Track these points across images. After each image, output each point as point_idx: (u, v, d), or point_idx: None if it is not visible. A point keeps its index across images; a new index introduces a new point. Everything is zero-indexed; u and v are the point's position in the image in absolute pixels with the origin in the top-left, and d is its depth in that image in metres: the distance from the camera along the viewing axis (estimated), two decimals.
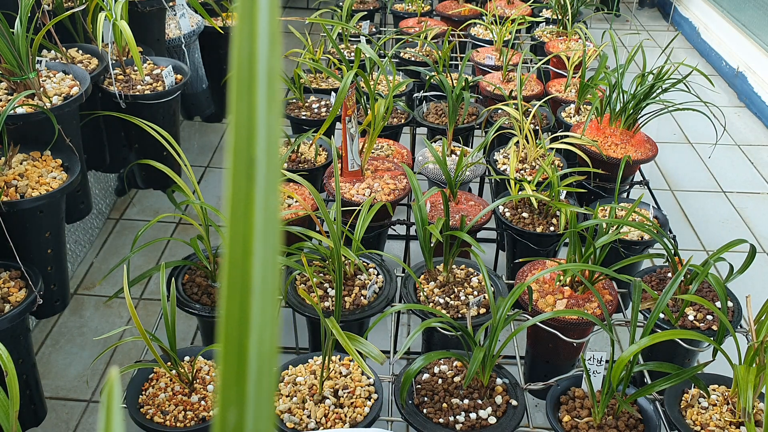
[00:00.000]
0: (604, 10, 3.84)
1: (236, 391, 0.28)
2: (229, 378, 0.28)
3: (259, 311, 0.28)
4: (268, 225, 0.28)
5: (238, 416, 0.28)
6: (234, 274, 0.28)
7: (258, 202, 0.28)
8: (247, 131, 0.28)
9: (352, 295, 1.61)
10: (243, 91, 0.28)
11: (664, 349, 1.62)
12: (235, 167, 0.28)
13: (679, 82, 2.17)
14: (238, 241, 0.28)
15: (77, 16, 2.14)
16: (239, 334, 0.28)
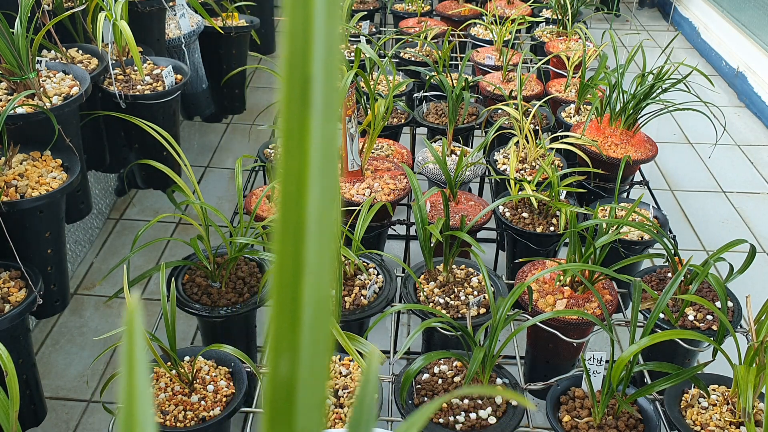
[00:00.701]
0: (604, 10, 3.84)
1: (289, 340, 0.26)
2: (282, 326, 0.26)
3: (314, 255, 0.26)
4: (326, 158, 0.25)
5: (291, 366, 0.26)
6: (288, 214, 0.25)
7: (314, 130, 0.25)
8: (303, 44, 0.24)
9: (352, 295, 1.61)
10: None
11: (664, 349, 1.62)
12: (289, 89, 0.25)
13: (679, 82, 2.17)
14: (293, 177, 0.25)
15: (77, 16, 2.14)
16: (293, 280, 0.26)
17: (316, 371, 0.26)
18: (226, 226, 1.69)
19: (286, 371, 0.26)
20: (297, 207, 0.26)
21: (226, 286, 1.62)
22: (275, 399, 0.26)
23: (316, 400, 0.26)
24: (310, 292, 0.26)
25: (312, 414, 0.26)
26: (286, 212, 0.25)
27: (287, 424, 0.26)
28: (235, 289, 1.62)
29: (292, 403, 0.26)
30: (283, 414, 0.26)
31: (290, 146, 0.25)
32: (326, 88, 0.25)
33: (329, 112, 0.25)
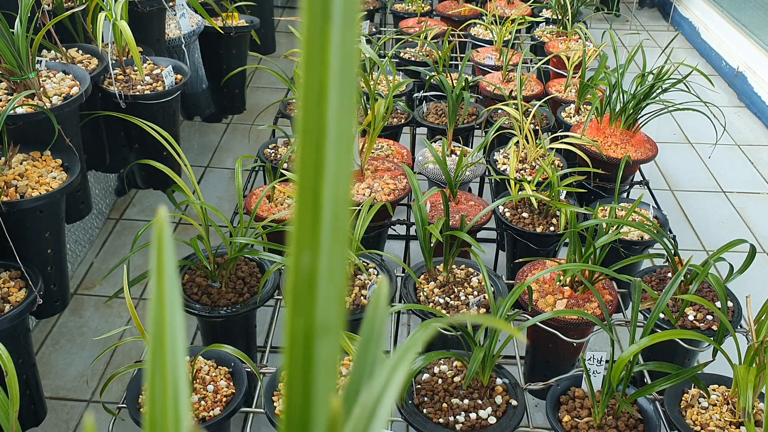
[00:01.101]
0: (604, 10, 3.84)
1: (311, 235, 0.27)
2: (303, 223, 0.27)
3: (333, 157, 0.27)
4: (345, 66, 0.27)
5: (312, 260, 0.28)
6: (309, 119, 0.27)
7: (334, 40, 0.26)
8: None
9: (352, 295, 1.61)
10: None
11: (664, 349, 1.62)
12: (310, 1, 0.26)
13: (679, 82, 2.17)
14: (314, 85, 0.27)
15: (77, 16, 2.14)
16: (314, 180, 0.27)
17: (335, 265, 0.28)
18: (226, 226, 1.69)
19: (308, 265, 0.28)
20: (318, 111, 0.27)
21: (226, 286, 1.62)
22: (297, 291, 0.28)
23: (336, 293, 0.28)
24: (330, 191, 0.28)
25: (331, 305, 0.28)
26: (308, 117, 0.27)
27: (308, 314, 0.28)
28: (235, 289, 1.62)
29: (313, 295, 0.28)
30: (304, 305, 0.28)
31: (311, 53, 0.27)
32: (346, 3, 0.27)
33: (348, 22, 0.27)
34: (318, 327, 0.28)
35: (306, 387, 0.29)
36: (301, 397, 0.29)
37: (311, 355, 0.28)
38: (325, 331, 0.28)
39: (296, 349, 0.28)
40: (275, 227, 1.63)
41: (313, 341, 0.28)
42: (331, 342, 0.29)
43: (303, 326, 0.28)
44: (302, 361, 0.28)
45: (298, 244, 0.28)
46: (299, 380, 0.28)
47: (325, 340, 0.29)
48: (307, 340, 0.28)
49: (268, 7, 3.69)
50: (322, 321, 0.28)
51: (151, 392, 0.30)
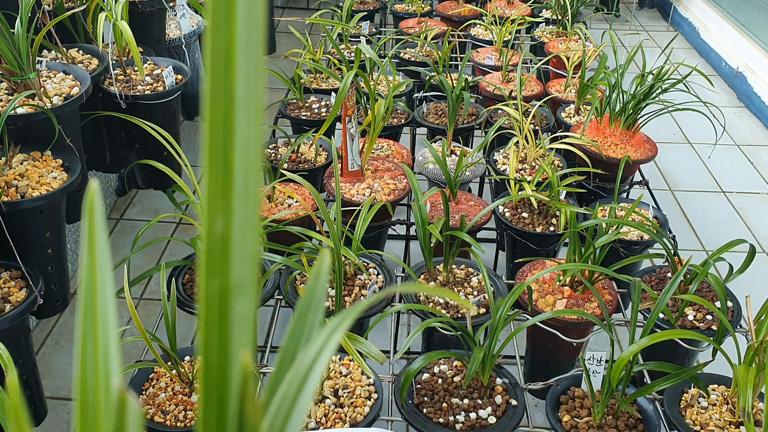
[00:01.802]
0: (603, 10, 3.84)
1: (223, 200, 0.28)
2: (215, 189, 0.28)
3: (243, 123, 0.28)
4: (251, 33, 0.28)
5: (225, 225, 0.29)
6: (217, 85, 0.28)
7: (240, 7, 0.27)
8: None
9: (352, 295, 1.61)
10: None
11: (664, 349, 1.62)
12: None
13: (678, 83, 2.17)
14: (220, 50, 0.27)
15: (77, 17, 2.14)
16: (224, 146, 0.28)
17: (247, 228, 0.29)
18: None
19: (221, 229, 0.29)
20: (225, 79, 0.28)
21: None
22: (211, 253, 0.29)
23: (249, 254, 0.29)
24: (241, 156, 0.28)
25: (245, 265, 0.29)
26: (215, 82, 0.28)
27: (223, 275, 0.29)
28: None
29: (227, 257, 0.29)
30: (218, 266, 0.29)
31: (217, 22, 0.27)
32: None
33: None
34: (233, 287, 0.29)
35: (222, 344, 0.29)
36: (217, 354, 0.29)
37: (227, 313, 0.29)
38: (240, 290, 0.29)
39: (212, 309, 0.29)
40: (275, 227, 1.63)
41: (229, 300, 0.29)
42: (246, 301, 0.30)
43: (218, 286, 0.29)
44: (218, 319, 0.29)
45: (210, 209, 0.29)
46: (215, 338, 0.29)
47: (241, 298, 0.29)
48: (222, 299, 0.29)
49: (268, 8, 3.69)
50: (236, 281, 0.29)
51: (82, 346, 0.32)
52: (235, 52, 0.28)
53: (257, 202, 0.29)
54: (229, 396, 0.30)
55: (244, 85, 0.28)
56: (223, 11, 0.27)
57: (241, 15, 0.27)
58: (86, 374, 0.32)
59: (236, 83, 0.28)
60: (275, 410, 0.31)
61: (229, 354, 0.30)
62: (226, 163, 0.28)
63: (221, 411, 0.30)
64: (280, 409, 0.31)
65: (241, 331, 0.30)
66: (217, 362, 0.29)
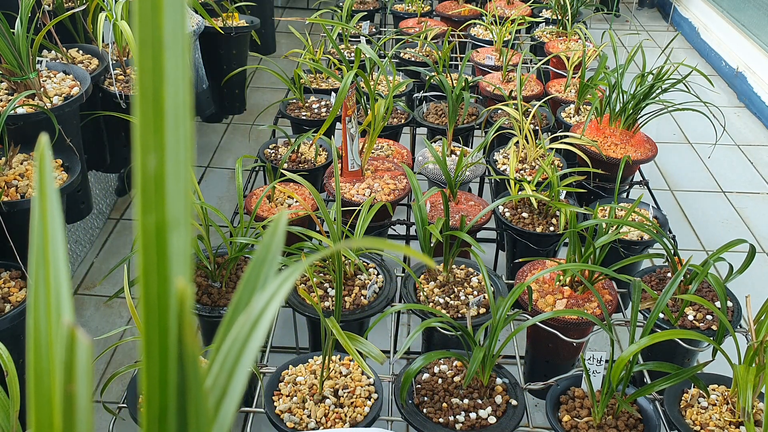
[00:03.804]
0: (603, 10, 3.84)
1: (155, 138, 0.29)
2: (146, 128, 0.29)
3: (172, 63, 0.29)
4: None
5: (158, 162, 0.30)
6: (145, 27, 0.29)
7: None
8: None
9: (352, 295, 1.61)
10: None
11: (664, 349, 1.62)
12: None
13: (678, 83, 2.17)
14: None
15: (77, 17, 2.15)
16: (154, 86, 0.29)
17: (180, 164, 0.30)
18: (227, 226, 1.69)
19: (154, 166, 0.30)
20: (153, 20, 0.29)
21: (227, 286, 1.62)
22: (146, 191, 0.30)
23: (183, 190, 0.30)
24: (171, 95, 0.29)
25: (180, 201, 0.30)
26: (143, 25, 0.29)
27: (158, 211, 0.30)
28: (236, 288, 1.62)
29: (162, 193, 0.30)
30: (154, 203, 0.30)
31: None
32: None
33: None
34: (169, 221, 0.31)
35: (161, 276, 0.31)
36: (156, 287, 0.31)
37: (165, 246, 0.31)
38: (175, 224, 0.31)
39: (149, 243, 0.30)
40: None
41: (166, 234, 0.31)
42: (182, 234, 0.31)
43: (154, 222, 0.30)
44: (156, 252, 0.30)
45: (143, 147, 0.29)
46: (154, 270, 0.31)
47: (177, 232, 0.31)
48: (159, 233, 0.30)
49: (268, 7, 3.69)
50: (172, 216, 0.31)
51: (35, 293, 0.34)
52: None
53: (189, 139, 0.30)
54: (169, 326, 0.31)
55: (171, 27, 0.29)
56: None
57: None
58: (39, 316, 0.33)
59: (164, 26, 0.29)
60: (226, 352, 0.33)
61: (167, 285, 0.31)
62: (157, 102, 0.29)
63: (162, 340, 0.31)
64: (230, 350, 0.32)
65: (178, 263, 0.31)
66: (156, 293, 0.31)
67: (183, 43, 0.29)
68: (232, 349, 0.33)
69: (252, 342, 0.32)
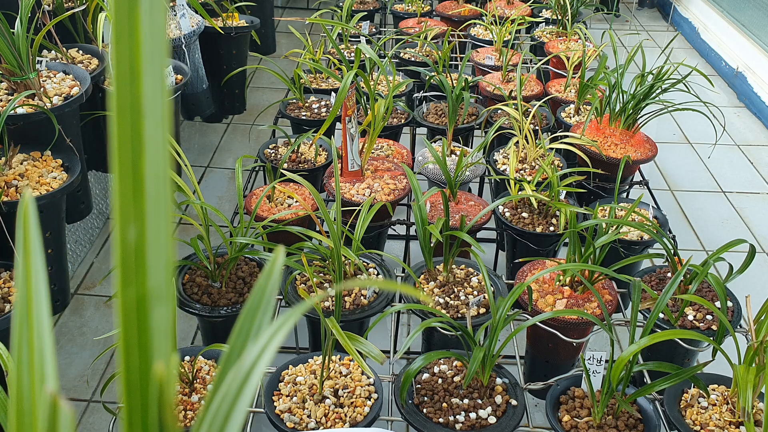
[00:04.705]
0: (603, 10, 3.84)
1: (134, 209, 0.29)
2: (126, 198, 0.28)
3: (152, 131, 0.28)
4: (155, 45, 0.28)
5: (138, 233, 0.29)
6: (123, 94, 0.28)
7: (143, 20, 0.28)
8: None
9: (352, 294, 1.61)
10: None
11: (664, 349, 1.62)
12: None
13: (678, 82, 2.17)
14: (125, 63, 0.28)
15: (77, 17, 2.14)
16: (133, 154, 0.28)
17: (161, 235, 0.29)
18: (227, 226, 1.69)
19: (134, 238, 0.29)
20: (132, 90, 0.28)
21: (227, 286, 1.62)
22: (126, 263, 0.29)
23: (164, 261, 0.29)
24: (151, 164, 0.29)
25: (161, 273, 0.29)
26: (122, 92, 0.28)
27: (140, 283, 0.29)
28: (236, 288, 1.62)
29: (142, 265, 0.29)
30: (134, 275, 0.29)
31: (120, 30, 0.28)
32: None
33: (156, 6, 0.28)
34: (151, 294, 0.30)
35: (143, 352, 0.30)
36: (138, 362, 0.30)
37: (146, 320, 0.30)
38: (157, 297, 0.30)
39: (130, 317, 0.30)
40: (275, 227, 1.63)
41: (147, 308, 0.30)
42: (164, 307, 0.30)
43: (135, 295, 0.29)
44: (137, 326, 0.30)
45: (122, 218, 0.29)
46: (135, 346, 0.30)
47: (159, 305, 0.30)
48: (140, 307, 0.30)
49: (268, 7, 3.69)
50: (153, 288, 0.30)
51: (18, 351, 0.33)
52: (141, 61, 0.28)
53: (169, 209, 0.29)
54: (149, 402, 0.30)
55: (151, 93, 0.28)
56: (126, 19, 0.27)
57: (144, 23, 0.28)
58: (22, 378, 0.32)
59: (143, 92, 0.28)
60: (215, 410, 0.32)
61: (149, 361, 0.30)
62: (136, 172, 0.28)
63: (144, 417, 0.30)
64: (220, 409, 0.31)
65: (160, 338, 0.30)
66: (138, 371, 0.30)
67: (163, 109, 0.28)
68: (221, 409, 0.31)
69: (242, 399, 0.31)
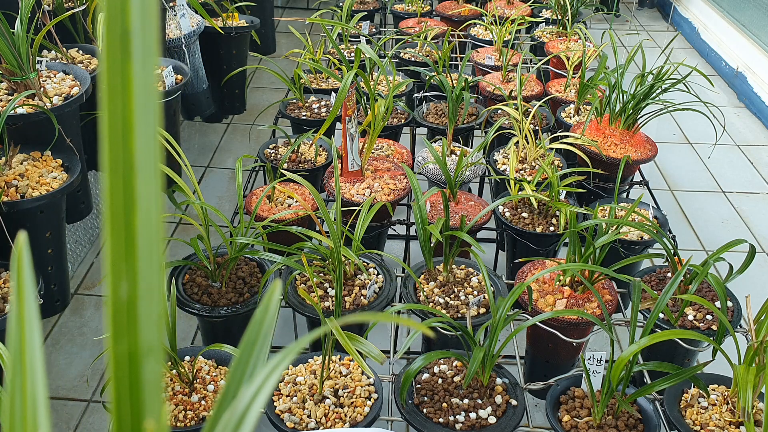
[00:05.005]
0: (603, 10, 3.84)
1: (126, 265, 0.29)
2: (117, 254, 0.28)
3: (144, 188, 0.28)
4: (148, 100, 0.28)
5: (130, 289, 0.29)
6: (115, 152, 0.28)
7: (136, 75, 0.27)
8: (121, 1, 0.27)
9: (352, 295, 1.61)
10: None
11: (664, 349, 1.62)
12: (110, 39, 0.27)
13: (678, 83, 2.17)
14: (117, 118, 0.28)
15: (77, 16, 2.14)
16: (126, 212, 0.28)
17: (152, 292, 0.29)
18: (227, 226, 1.69)
19: (126, 293, 0.29)
20: (124, 147, 0.28)
21: (227, 286, 1.62)
22: (117, 318, 0.29)
23: (155, 317, 0.30)
24: (143, 222, 0.29)
25: (152, 328, 0.30)
26: (113, 148, 0.28)
27: (132, 338, 0.29)
28: (236, 288, 1.62)
29: (134, 320, 0.29)
30: (125, 330, 0.29)
31: (113, 90, 0.28)
32: (144, 39, 0.28)
33: (148, 60, 0.28)
34: (142, 349, 0.30)
35: (135, 405, 0.30)
36: (130, 418, 0.30)
37: (138, 375, 0.30)
38: (149, 352, 0.30)
39: (121, 371, 0.30)
40: (275, 227, 1.63)
41: (139, 362, 0.30)
42: (155, 361, 0.30)
43: (126, 349, 0.30)
44: (129, 381, 0.30)
45: (114, 274, 0.29)
46: (127, 400, 0.30)
47: (150, 360, 0.30)
48: (132, 362, 0.30)
49: (268, 8, 3.69)
50: (145, 343, 0.30)
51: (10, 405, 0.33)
52: (133, 118, 0.28)
53: (161, 265, 0.30)
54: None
55: (143, 150, 0.28)
56: (118, 75, 0.27)
57: (137, 79, 0.28)
58: (14, 426, 0.32)
59: (135, 148, 0.28)
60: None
61: (141, 416, 0.30)
62: (129, 228, 0.28)
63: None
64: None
65: (151, 392, 0.30)
66: (130, 426, 0.30)
67: (155, 166, 0.28)
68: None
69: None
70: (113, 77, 0.27)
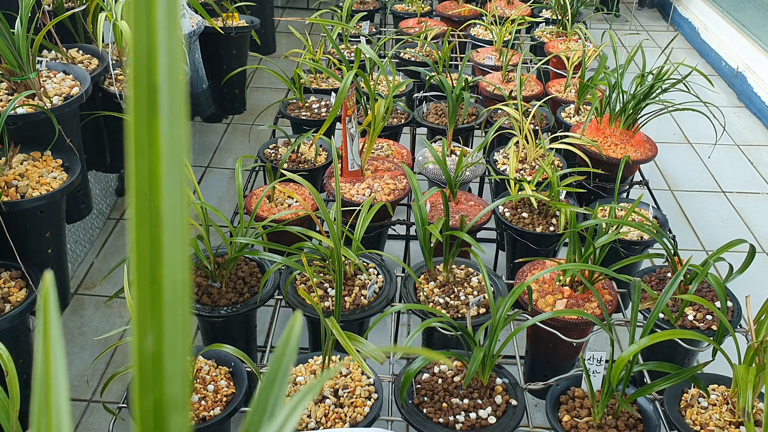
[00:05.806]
0: (603, 10, 3.84)
1: (152, 318, 0.29)
2: (144, 307, 0.29)
3: (170, 242, 0.29)
4: (174, 155, 0.28)
5: (156, 343, 0.29)
6: (142, 206, 0.28)
7: (163, 131, 0.28)
8: (147, 54, 0.27)
9: (352, 295, 1.61)
10: (141, 12, 0.27)
11: (664, 349, 1.62)
12: (136, 94, 0.27)
13: (678, 83, 2.17)
14: (144, 173, 0.28)
15: (77, 17, 2.14)
16: (152, 267, 0.28)
17: (178, 345, 0.29)
18: (227, 226, 1.69)
19: (152, 346, 0.29)
20: (150, 201, 0.28)
21: (227, 286, 1.62)
22: (143, 371, 0.29)
23: (181, 370, 0.30)
24: (169, 275, 0.29)
25: (177, 381, 0.30)
26: (140, 202, 0.28)
27: (157, 391, 0.30)
28: (236, 288, 1.62)
29: (160, 374, 0.30)
30: (151, 383, 0.30)
31: (140, 145, 0.28)
32: (171, 94, 0.28)
33: (175, 116, 0.28)
34: (168, 402, 0.30)
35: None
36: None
37: (163, 428, 0.30)
38: (174, 405, 0.30)
39: (147, 425, 0.30)
40: (275, 227, 1.63)
41: (164, 415, 0.30)
42: (181, 415, 0.30)
43: (152, 402, 0.30)
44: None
45: (140, 327, 0.29)
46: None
47: (175, 413, 0.30)
48: (157, 414, 0.30)
49: (268, 8, 3.69)
50: (170, 396, 0.30)
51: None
52: (161, 173, 0.28)
53: (187, 319, 0.30)
54: None
55: (170, 204, 0.28)
56: (144, 130, 0.27)
57: (164, 135, 0.28)
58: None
59: (162, 203, 0.28)
60: None
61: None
62: (155, 282, 0.29)
63: None
64: None
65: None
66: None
67: (183, 219, 0.28)
68: None
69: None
70: (140, 132, 0.27)
